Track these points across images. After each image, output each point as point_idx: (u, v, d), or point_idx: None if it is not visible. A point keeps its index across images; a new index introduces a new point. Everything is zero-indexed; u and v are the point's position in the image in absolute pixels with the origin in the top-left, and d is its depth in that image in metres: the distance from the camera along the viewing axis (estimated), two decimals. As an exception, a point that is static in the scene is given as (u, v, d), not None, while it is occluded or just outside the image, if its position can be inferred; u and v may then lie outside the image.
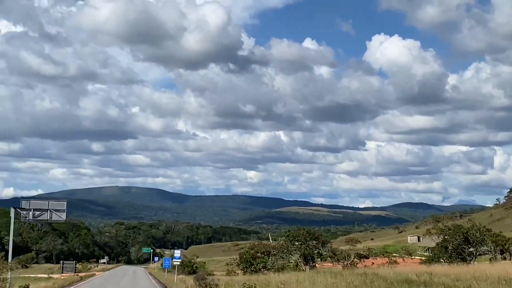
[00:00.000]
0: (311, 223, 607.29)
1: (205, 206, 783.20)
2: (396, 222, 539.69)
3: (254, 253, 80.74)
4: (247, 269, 70.05)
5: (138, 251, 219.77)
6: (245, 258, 77.94)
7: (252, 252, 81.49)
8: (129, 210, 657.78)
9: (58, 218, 51.05)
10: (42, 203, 51.11)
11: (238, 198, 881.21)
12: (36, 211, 49.95)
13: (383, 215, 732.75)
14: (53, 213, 49.99)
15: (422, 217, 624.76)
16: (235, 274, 74.82)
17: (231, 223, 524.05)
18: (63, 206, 51.02)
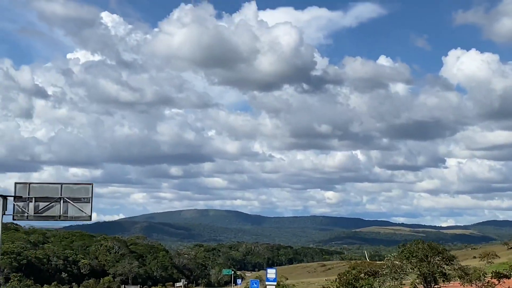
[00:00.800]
0: (393, 242, 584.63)
1: (283, 227, 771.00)
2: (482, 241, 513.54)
3: (356, 273, 66.88)
4: (348, 292, 57.07)
5: (218, 274, 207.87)
6: (346, 279, 64.08)
7: (354, 273, 67.59)
8: (208, 233, 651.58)
9: (79, 213, 32.43)
10: (51, 188, 32.75)
11: (317, 219, 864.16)
12: (40, 201, 32.17)
13: (468, 234, 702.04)
14: (69, 204, 32.09)
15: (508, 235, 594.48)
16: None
17: (310, 244, 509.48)
18: (87, 193, 32.56)
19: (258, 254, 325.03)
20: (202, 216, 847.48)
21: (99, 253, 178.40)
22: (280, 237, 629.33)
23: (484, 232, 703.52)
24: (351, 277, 64.66)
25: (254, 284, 76.71)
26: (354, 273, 67.28)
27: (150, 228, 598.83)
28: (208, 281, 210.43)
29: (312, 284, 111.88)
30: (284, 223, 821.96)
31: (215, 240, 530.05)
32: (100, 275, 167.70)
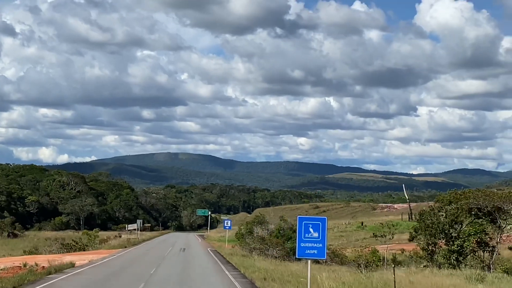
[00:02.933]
0: (366, 189, 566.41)
1: (256, 172, 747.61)
2: (457, 187, 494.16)
3: (454, 211, 37.48)
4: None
5: (191, 215, 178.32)
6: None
7: (450, 210, 38.01)
8: (181, 176, 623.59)
9: None
10: None
11: (289, 165, 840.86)
12: None
13: (439, 181, 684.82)
14: None
15: (478, 183, 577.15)
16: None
17: (284, 189, 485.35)
18: None
19: (233, 196, 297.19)
20: (174, 160, 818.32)
21: (51, 189, 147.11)
22: (252, 181, 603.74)
23: (454, 180, 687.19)
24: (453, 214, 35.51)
25: (226, 223, 62.25)
26: (451, 210, 38.06)
27: (121, 170, 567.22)
28: (179, 223, 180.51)
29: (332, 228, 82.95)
30: (257, 168, 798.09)
31: (187, 183, 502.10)
32: (51, 215, 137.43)
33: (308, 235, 18.35)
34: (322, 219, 18.70)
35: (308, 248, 18.37)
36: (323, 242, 18.32)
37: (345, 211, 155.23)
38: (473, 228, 40.80)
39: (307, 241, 18.38)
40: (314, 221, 18.46)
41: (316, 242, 18.30)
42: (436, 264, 41.76)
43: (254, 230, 56.03)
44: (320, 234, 18.30)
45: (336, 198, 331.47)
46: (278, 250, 48.74)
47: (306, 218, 18.73)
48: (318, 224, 18.37)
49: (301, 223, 18.51)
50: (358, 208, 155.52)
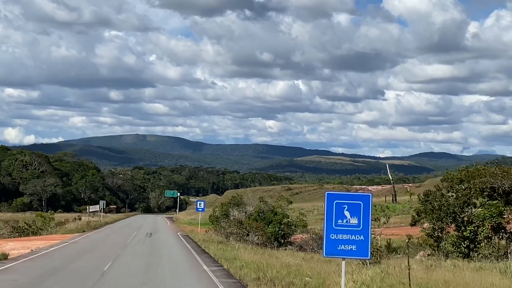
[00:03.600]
0: (334, 171, 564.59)
1: (224, 154, 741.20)
2: (422, 171, 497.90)
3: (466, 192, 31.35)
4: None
5: (159, 197, 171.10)
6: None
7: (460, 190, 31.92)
8: (149, 158, 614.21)
9: None
10: None
11: (258, 147, 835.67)
12: None
13: (406, 164, 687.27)
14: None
15: (444, 166, 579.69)
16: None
17: (253, 171, 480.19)
18: None
19: (202, 178, 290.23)
20: (142, 142, 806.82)
21: (13, 169, 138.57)
22: (221, 164, 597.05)
23: (421, 163, 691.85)
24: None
25: (199, 205, 57.15)
26: (462, 190, 31.98)
27: (88, 151, 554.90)
28: (147, 205, 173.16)
29: (312, 211, 76.69)
30: (225, 151, 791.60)
31: (156, 165, 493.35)
32: (13, 195, 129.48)
33: (343, 222, 11.97)
34: (365, 197, 12.26)
35: (342, 242, 12.06)
36: (366, 232, 11.89)
37: (318, 193, 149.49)
38: (489, 211, 34.75)
39: (342, 231, 12.09)
40: (351, 200, 12.06)
41: (355, 233, 11.93)
42: (444, 253, 35.73)
43: (231, 212, 49.39)
44: (361, 220, 11.98)
45: (305, 181, 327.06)
46: (259, 236, 42.25)
47: (339, 195, 12.37)
48: (357, 204, 11.99)
49: (331, 203, 12.09)
50: (332, 190, 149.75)
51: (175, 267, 25.00)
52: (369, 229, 12.02)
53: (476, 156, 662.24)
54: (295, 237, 50.06)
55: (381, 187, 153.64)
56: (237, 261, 24.28)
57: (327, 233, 12.39)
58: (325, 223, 12.28)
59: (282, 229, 48.55)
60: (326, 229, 12.29)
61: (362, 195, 12.33)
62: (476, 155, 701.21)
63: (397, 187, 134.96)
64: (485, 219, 34.78)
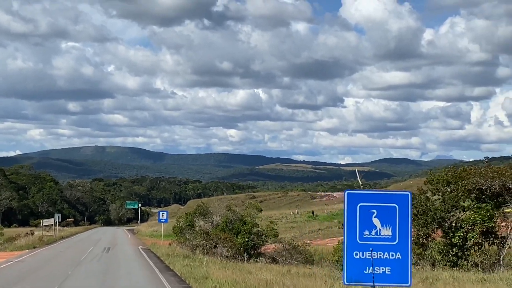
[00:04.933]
0: (296, 179, 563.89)
1: (186, 164, 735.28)
2: (384, 177, 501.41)
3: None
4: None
5: (120, 208, 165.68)
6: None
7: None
8: (109, 169, 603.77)
9: None
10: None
11: (219, 156, 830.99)
12: None
13: (366, 170, 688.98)
14: None
15: (404, 171, 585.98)
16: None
17: (215, 180, 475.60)
18: None
19: (163, 188, 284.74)
20: (102, 153, 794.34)
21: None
22: (183, 174, 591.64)
23: (380, 169, 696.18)
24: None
25: (162, 216, 52.86)
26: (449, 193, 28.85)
27: (46, 164, 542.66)
28: (108, 217, 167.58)
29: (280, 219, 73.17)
30: (187, 160, 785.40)
31: (116, 177, 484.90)
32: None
33: (371, 233, 8.42)
34: (402, 197, 8.68)
35: (370, 262, 8.36)
36: (405, 248, 8.37)
37: (283, 201, 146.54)
38: (479, 215, 31.73)
39: (369, 246, 8.39)
40: (383, 202, 8.46)
41: (388, 249, 8.39)
42: (430, 261, 32.60)
43: (196, 222, 45.60)
44: (396, 230, 8.40)
45: (268, 189, 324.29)
46: (228, 248, 38.56)
47: (365, 195, 8.76)
48: (391, 208, 8.44)
49: (353, 208, 8.57)
50: (297, 197, 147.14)
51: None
52: (409, 243, 8.49)
53: (434, 161, 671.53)
54: (266, 247, 46.52)
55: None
56: (209, 280, 20.56)
57: (348, 250, 8.79)
58: (345, 236, 8.63)
59: (252, 240, 45.01)
60: (347, 245, 8.67)
61: (398, 194, 8.71)
62: (434, 160, 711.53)
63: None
64: (476, 223, 31.78)
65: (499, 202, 33.26)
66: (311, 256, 41.34)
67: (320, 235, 57.64)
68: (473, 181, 32.45)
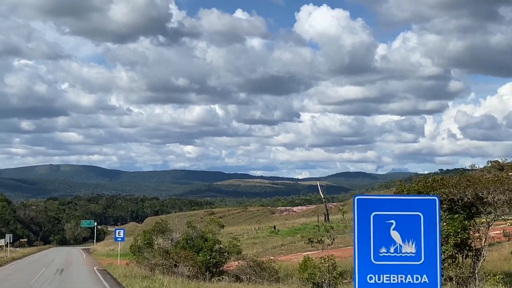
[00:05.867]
0: (254, 194, 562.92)
1: (143, 182, 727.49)
2: (341, 191, 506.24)
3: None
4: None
5: (75, 228, 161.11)
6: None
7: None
8: (64, 188, 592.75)
9: None
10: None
11: (177, 173, 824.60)
12: None
13: (324, 185, 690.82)
14: None
15: (360, 185, 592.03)
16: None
17: (173, 197, 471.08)
18: None
19: (120, 206, 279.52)
20: (57, 172, 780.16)
21: None
22: (140, 191, 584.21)
23: (338, 183, 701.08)
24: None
25: (118, 234, 50.96)
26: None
27: None
28: (63, 237, 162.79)
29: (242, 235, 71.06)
30: (144, 178, 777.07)
31: (72, 195, 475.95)
32: None
33: (389, 250, 6.45)
34: (427, 203, 6.64)
35: (389, 287, 6.43)
36: (433, 268, 6.42)
37: (242, 216, 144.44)
38: (452, 227, 30.28)
39: (387, 267, 6.48)
40: (403, 211, 6.39)
41: (412, 271, 6.42)
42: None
43: (155, 240, 43.27)
44: (421, 246, 6.48)
45: (225, 205, 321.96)
46: (190, 266, 36.38)
47: (380, 201, 6.68)
48: (414, 218, 6.35)
49: (365, 218, 6.52)
50: (256, 213, 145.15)
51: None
52: (437, 263, 6.51)
53: (390, 174, 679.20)
54: (229, 264, 44.41)
55: (305, 207, 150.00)
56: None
57: (360, 273, 6.75)
58: (355, 255, 6.55)
59: (214, 257, 42.80)
60: (358, 266, 6.62)
61: (422, 200, 6.66)
62: (390, 173, 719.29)
63: (321, 207, 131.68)
64: (449, 235, 30.33)
65: (472, 212, 31.98)
66: (277, 273, 39.38)
67: (283, 251, 55.86)
68: (445, 191, 31.08)
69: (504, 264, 31.31)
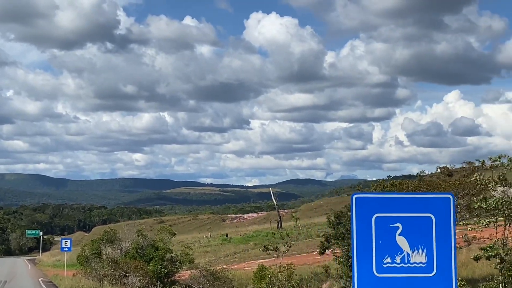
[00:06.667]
0: (204, 202, 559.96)
1: (90, 190, 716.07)
2: (291, 198, 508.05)
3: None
4: None
5: (21, 238, 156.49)
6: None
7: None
8: (9, 198, 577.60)
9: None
10: None
11: (126, 181, 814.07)
12: None
13: (274, 192, 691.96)
14: None
15: (310, 192, 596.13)
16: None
17: (121, 206, 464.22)
18: None
19: (67, 216, 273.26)
20: (1, 181, 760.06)
21: None
22: (87, 200, 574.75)
23: (288, 190, 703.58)
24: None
25: (65, 244, 48.63)
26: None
27: None
28: (7, 247, 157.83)
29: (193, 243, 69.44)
30: (91, 186, 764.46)
31: (17, 205, 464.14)
32: None
33: (395, 260, 5.24)
34: (440, 203, 5.46)
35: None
36: (447, 281, 5.29)
37: (193, 225, 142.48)
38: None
39: (393, 281, 5.28)
40: (411, 212, 5.19)
41: (422, 284, 5.28)
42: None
43: (103, 250, 41.49)
44: (433, 254, 5.31)
45: (175, 213, 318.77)
46: (140, 277, 34.82)
47: (382, 200, 5.44)
48: (425, 221, 5.18)
49: (366, 220, 5.22)
50: (207, 220, 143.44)
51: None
52: (453, 275, 5.30)
53: (339, 181, 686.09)
54: (181, 274, 42.94)
55: (256, 214, 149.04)
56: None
57: (359, 287, 5.52)
58: (354, 265, 5.27)
59: (165, 266, 41.28)
60: (358, 280, 5.39)
61: (434, 199, 5.49)
62: (339, 180, 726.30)
63: (272, 214, 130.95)
64: (408, 240, 29.69)
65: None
66: (231, 282, 38.13)
67: (236, 259, 54.60)
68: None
69: (463, 270, 30.80)
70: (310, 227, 73.60)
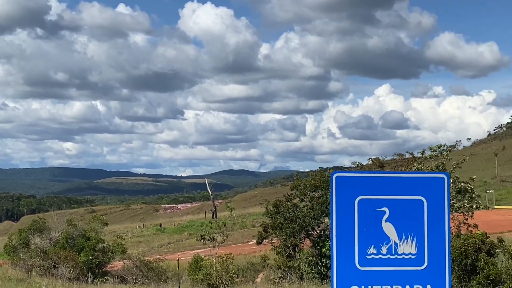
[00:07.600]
0: (137, 192, 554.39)
1: (19, 179, 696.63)
2: (225, 188, 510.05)
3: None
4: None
5: None
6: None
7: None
8: None
9: None
10: None
11: (56, 170, 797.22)
12: None
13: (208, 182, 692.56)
14: None
15: (243, 183, 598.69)
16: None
17: (51, 195, 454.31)
18: None
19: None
20: None
21: None
22: (15, 189, 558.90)
23: (222, 180, 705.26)
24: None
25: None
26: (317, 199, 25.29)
27: None
28: None
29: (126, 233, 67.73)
30: (20, 175, 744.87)
31: None
32: None
33: (380, 251, 4.47)
34: (433, 184, 4.68)
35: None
36: (439, 274, 4.52)
37: (125, 215, 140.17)
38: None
39: (378, 274, 4.47)
40: (400, 194, 4.43)
41: (411, 278, 4.50)
42: (298, 274, 29.82)
43: (31, 240, 39.64)
44: (424, 243, 4.54)
45: (107, 203, 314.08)
46: (71, 268, 33.32)
47: (366, 179, 4.61)
48: (415, 204, 4.47)
49: (348, 203, 4.40)
50: (140, 211, 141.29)
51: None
52: (446, 267, 4.55)
53: (272, 172, 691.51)
54: (113, 265, 41.56)
55: (190, 204, 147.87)
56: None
57: (339, 281, 4.66)
58: (333, 257, 4.63)
59: (97, 257, 39.75)
60: (337, 273, 4.58)
61: (426, 179, 4.73)
62: (273, 171, 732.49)
63: (206, 204, 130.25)
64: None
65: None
66: (165, 273, 37.13)
67: (170, 249, 53.56)
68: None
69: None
70: (245, 217, 73.24)
